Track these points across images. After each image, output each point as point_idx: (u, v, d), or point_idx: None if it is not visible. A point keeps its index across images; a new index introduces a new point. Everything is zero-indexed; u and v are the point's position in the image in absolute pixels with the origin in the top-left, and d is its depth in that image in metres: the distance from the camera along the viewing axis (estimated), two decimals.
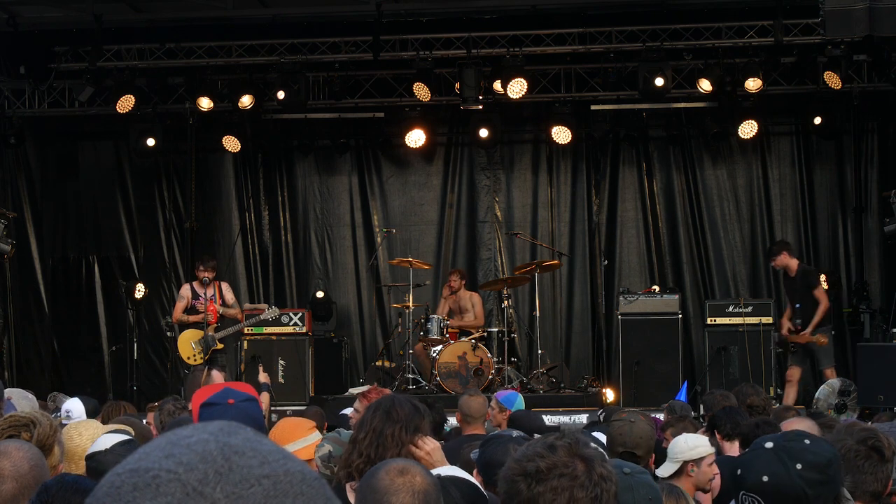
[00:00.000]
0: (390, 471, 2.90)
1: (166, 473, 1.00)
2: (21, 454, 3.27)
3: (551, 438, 2.28)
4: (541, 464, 2.22)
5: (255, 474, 1.01)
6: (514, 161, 16.83)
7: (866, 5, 10.15)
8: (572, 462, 2.22)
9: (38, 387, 12.73)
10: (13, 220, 15.19)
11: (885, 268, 15.81)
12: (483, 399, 7.66)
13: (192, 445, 1.03)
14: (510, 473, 2.25)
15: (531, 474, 2.21)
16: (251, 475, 1.01)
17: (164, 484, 1.00)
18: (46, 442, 3.87)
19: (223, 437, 1.04)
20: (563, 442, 2.25)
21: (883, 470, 3.85)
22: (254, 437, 1.06)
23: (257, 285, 16.96)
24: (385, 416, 3.90)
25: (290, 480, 1.03)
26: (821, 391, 13.58)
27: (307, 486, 1.04)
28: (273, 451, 1.04)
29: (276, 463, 1.03)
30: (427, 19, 15.23)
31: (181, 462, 1.01)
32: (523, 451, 2.27)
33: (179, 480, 1.00)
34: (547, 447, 2.25)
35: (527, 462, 2.24)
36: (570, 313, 16.42)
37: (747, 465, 2.98)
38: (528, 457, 2.24)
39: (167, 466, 1.01)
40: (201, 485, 0.99)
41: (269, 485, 1.01)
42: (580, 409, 13.00)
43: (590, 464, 2.23)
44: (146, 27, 15.26)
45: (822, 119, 15.44)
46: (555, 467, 2.21)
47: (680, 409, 8.57)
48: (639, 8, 14.96)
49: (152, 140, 15.82)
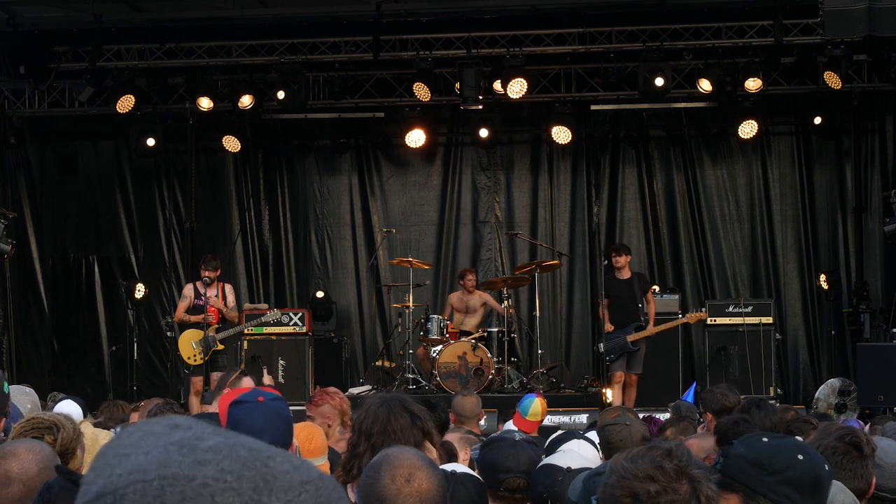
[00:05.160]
0: (396, 477, 2.79)
1: (215, 482, 0.96)
2: (31, 456, 3.17)
3: (659, 456, 2.24)
4: (651, 488, 2.21)
5: (296, 481, 1.00)
6: (514, 161, 16.83)
7: (866, 5, 10.15)
8: (681, 485, 2.21)
9: (38, 387, 12.65)
10: (13, 220, 15.18)
11: (885, 268, 15.80)
12: (476, 399, 7.70)
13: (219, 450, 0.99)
14: (618, 493, 2.23)
15: (641, 499, 2.21)
16: (294, 482, 1.00)
17: (219, 493, 0.96)
18: (70, 446, 3.83)
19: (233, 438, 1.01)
20: (672, 464, 2.23)
21: (863, 466, 3.86)
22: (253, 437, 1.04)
23: (257, 285, 16.95)
24: (401, 408, 3.86)
25: (325, 486, 1.02)
26: (820, 391, 13.62)
27: (339, 491, 1.04)
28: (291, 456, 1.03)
29: (304, 467, 1.02)
30: (427, 19, 15.23)
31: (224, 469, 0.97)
32: (629, 469, 2.23)
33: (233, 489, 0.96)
34: (656, 467, 2.22)
35: (636, 482, 2.22)
36: (570, 313, 16.42)
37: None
38: (638, 477, 2.22)
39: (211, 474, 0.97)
40: (257, 494, 0.97)
41: (313, 490, 1.00)
42: (580, 409, 13.01)
43: (697, 486, 2.22)
44: (146, 27, 15.26)
45: (822, 119, 15.44)
46: (665, 493, 2.20)
47: (686, 409, 8.54)
48: (639, 8, 14.96)
49: (152, 140, 15.83)
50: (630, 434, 4.97)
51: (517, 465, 3.49)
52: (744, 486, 2.67)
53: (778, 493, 2.66)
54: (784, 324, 15.69)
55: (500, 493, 3.51)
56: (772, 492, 2.66)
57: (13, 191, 16.54)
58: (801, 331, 16.11)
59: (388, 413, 3.89)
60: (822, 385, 13.90)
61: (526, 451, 3.54)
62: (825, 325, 15.90)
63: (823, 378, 14.76)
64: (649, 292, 13.52)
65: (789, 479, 2.68)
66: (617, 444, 5.06)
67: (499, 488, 3.51)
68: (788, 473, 2.68)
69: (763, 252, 16.24)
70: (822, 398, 13.40)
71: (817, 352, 16.02)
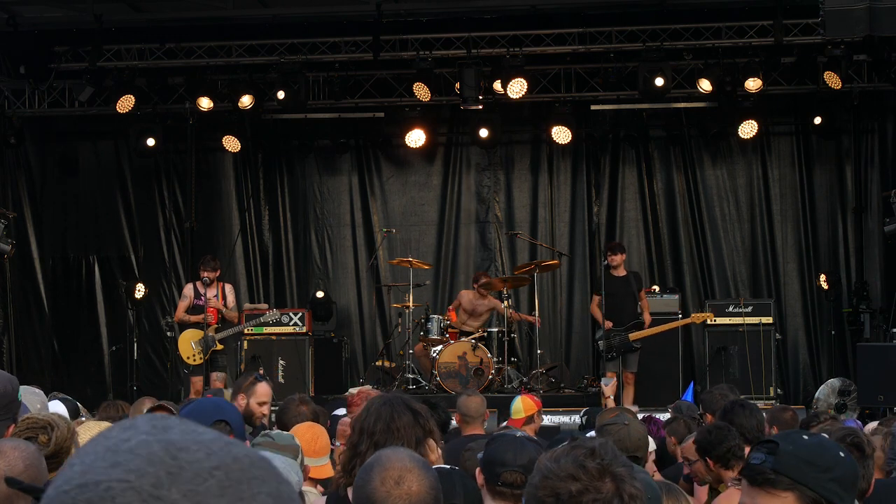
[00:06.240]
0: (386, 480, 2.79)
1: (118, 483, 0.99)
2: (17, 454, 3.22)
3: (581, 455, 2.23)
4: (572, 487, 2.20)
5: (205, 468, 1.01)
6: (514, 161, 16.83)
7: (866, 5, 10.15)
8: (603, 484, 2.20)
9: (38, 387, 12.71)
10: (13, 220, 15.19)
11: (885, 268, 15.80)
12: (481, 399, 7.68)
13: (135, 449, 1.01)
14: (540, 493, 2.22)
15: (563, 499, 2.20)
16: (202, 469, 1.00)
17: (119, 494, 0.98)
18: (64, 445, 3.85)
19: (161, 434, 1.03)
20: (595, 463, 2.22)
21: (864, 466, 3.87)
22: (191, 429, 1.05)
23: (257, 285, 16.95)
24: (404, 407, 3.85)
25: (240, 467, 1.02)
26: (820, 391, 13.61)
27: (258, 470, 1.04)
28: (215, 440, 1.04)
29: (221, 452, 1.03)
30: (427, 19, 15.23)
31: (130, 469, 0.99)
32: (552, 468, 2.22)
33: (133, 488, 0.98)
34: (578, 466, 2.21)
35: (558, 482, 2.21)
36: (570, 313, 16.42)
37: None
38: (560, 476, 2.21)
39: (117, 476, 0.99)
40: (156, 489, 0.98)
41: (222, 475, 1.01)
42: (580, 410, 12.97)
43: (620, 484, 2.21)
44: (146, 27, 15.26)
45: (822, 119, 15.44)
46: (586, 491, 2.19)
47: (686, 409, 8.53)
48: (639, 8, 14.95)
49: (152, 140, 15.82)
50: (629, 434, 4.96)
51: (515, 460, 3.49)
52: (802, 484, 2.65)
53: (830, 490, 2.65)
54: (784, 324, 15.68)
55: (498, 489, 3.50)
56: (825, 490, 2.64)
57: (13, 191, 16.53)
58: (801, 331, 16.11)
59: (391, 411, 3.89)
60: (822, 385, 13.89)
61: (526, 447, 3.54)
62: (825, 325, 15.90)
63: (823, 378, 14.75)
64: (642, 291, 13.54)
65: (838, 477, 2.68)
66: (615, 444, 5.06)
67: (497, 482, 3.51)
68: (837, 471, 2.68)
69: (763, 252, 16.24)
70: (822, 398, 13.39)
71: (817, 352, 16.01)
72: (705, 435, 5.58)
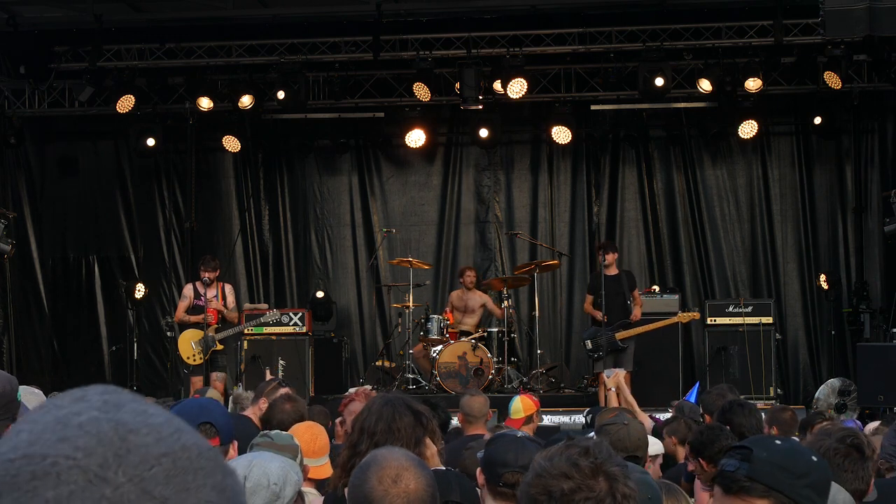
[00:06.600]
0: (383, 479, 2.78)
1: (65, 460, 0.97)
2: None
3: (575, 454, 2.23)
4: (565, 485, 2.19)
5: (153, 453, 1.00)
6: (514, 161, 16.83)
7: (866, 5, 10.14)
8: (596, 483, 2.20)
9: (37, 387, 12.71)
10: (13, 220, 15.18)
11: (885, 268, 15.81)
12: (484, 399, 7.67)
13: (85, 426, 1.00)
14: (533, 491, 2.22)
15: (555, 497, 2.20)
16: (150, 455, 1.00)
17: (65, 472, 0.96)
18: None
19: (112, 412, 1.02)
20: (588, 462, 2.22)
21: (864, 468, 3.87)
22: (142, 409, 1.04)
23: (257, 285, 16.95)
24: (405, 407, 3.84)
25: (188, 456, 1.01)
26: (820, 391, 13.60)
27: (205, 461, 1.03)
28: (165, 424, 1.03)
29: (170, 439, 1.02)
30: (427, 19, 15.23)
31: (78, 447, 0.98)
32: (545, 467, 2.22)
33: (79, 467, 0.97)
34: (572, 465, 2.21)
35: (551, 480, 2.21)
36: (570, 313, 16.41)
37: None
38: (553, 475, 2.21)
39: (64, 452, 0.98)
40: (102, 469, 0.97)
41: (169, 463, 1.00)
42: (580, 409, 12.97)
43: (613, 483, 2.21)
44: (146, 27, 15.26)
45: (822, 119, 15.44)
46: (579, 490, 2.19)
47: (689, 410, 8.50)
48: (639, 8, 14.96)
49: (152, 140, 15.82)
50: (629, 434, 4.96)
51: (516, 461, 3.48)
52: (777, 491, 2.62)
53: (805, 496, 2.62)
54: (784, 324, 15.68)
55: (499, 489, 3.50)
56: (800, 496, 2.61)
57: (13, 191, 16.53)
58: (801, 331, 16.11)
59: (392, 411, 3.88)
60: (822, 385, 13.88)
61: (527, 447, 3.53)
62: (825, 325, 15.90)
63: (823, 378, 14.74)
64: (636, 290, 13.53)
65: (812, 483, 2.65)
66: (616, 444, 5.05)
67: (498, 483, 3.50)
68: (812, 476, 2.65)
69: (763, 252, 16.24)
70: (822, 398, 13.38)
71: (817, 352, 16.02)
72: (697, 435, 5.58)
